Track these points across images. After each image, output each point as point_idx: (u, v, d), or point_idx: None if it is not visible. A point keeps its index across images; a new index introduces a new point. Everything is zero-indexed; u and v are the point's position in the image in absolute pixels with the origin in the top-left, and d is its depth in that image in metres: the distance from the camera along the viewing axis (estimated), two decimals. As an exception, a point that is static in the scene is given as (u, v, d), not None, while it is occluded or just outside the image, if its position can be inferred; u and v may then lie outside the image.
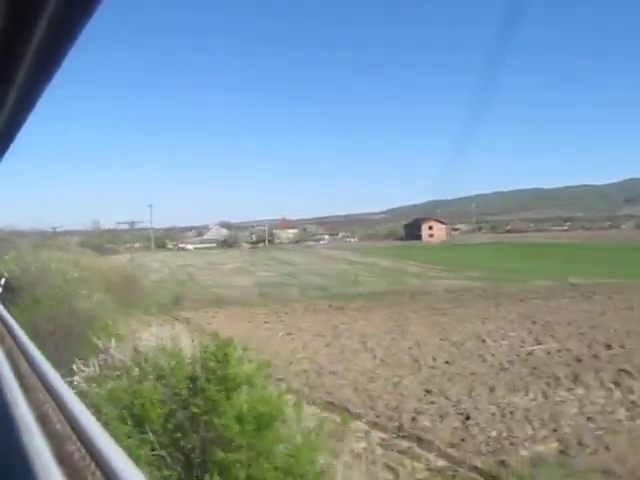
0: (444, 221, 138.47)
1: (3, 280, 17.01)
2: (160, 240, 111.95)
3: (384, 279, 46.32)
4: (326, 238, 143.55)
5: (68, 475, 1.28)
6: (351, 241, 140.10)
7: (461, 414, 14.69)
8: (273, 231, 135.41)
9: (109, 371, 8.12)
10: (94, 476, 1.17)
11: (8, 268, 17.96)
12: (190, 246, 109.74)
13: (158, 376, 7.06)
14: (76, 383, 8.13)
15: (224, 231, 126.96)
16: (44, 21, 0.96)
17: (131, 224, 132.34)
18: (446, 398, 15.87)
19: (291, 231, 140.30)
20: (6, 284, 16.57)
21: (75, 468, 1.26)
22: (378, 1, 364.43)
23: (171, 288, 40.20)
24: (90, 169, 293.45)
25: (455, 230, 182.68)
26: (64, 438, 1.41)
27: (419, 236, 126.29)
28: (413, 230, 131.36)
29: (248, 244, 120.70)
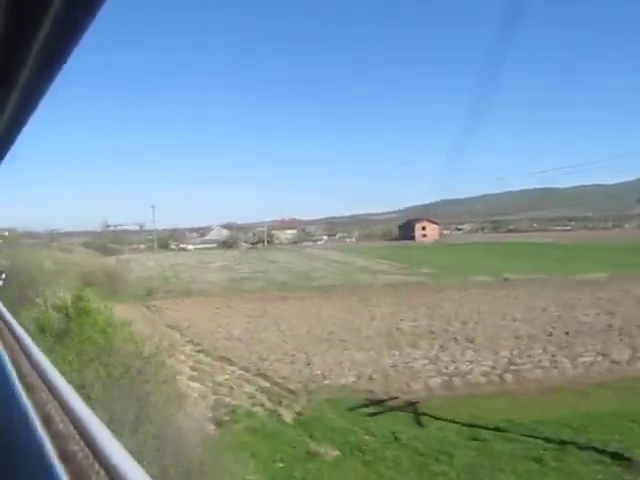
0: (436, 221, 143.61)
1: (4, 275, 23.20)
2: (164, 241, 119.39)
3: (343, 275, 52.38)
4: (324, 239, 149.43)
5: (72, 474, 1.29)
6: (347, 241, 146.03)
7: (308, 363, 20.92)
8: (272, 232, 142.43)
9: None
10: (98, 475, 1.20)
11: (1, 264, 24.59)
12: (191, 247, 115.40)
13: (59, 311, 13.58)
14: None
15: (225, 232, 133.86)
16: (47, 22, 1.01)
17: (140, 225, 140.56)
18: (305, 354, 22.11)
19: (290, 232, 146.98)
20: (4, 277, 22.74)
21: (79, 467, 1.28)
22: (378, 0, 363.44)
23: (152, 282, 46.85)
24: (96, 171, 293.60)
25: (458, 230, 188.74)
26: (67, 438, 1.43)
27: (413, 236, 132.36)
28: (407, 231, 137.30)
29: (248, 244, 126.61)
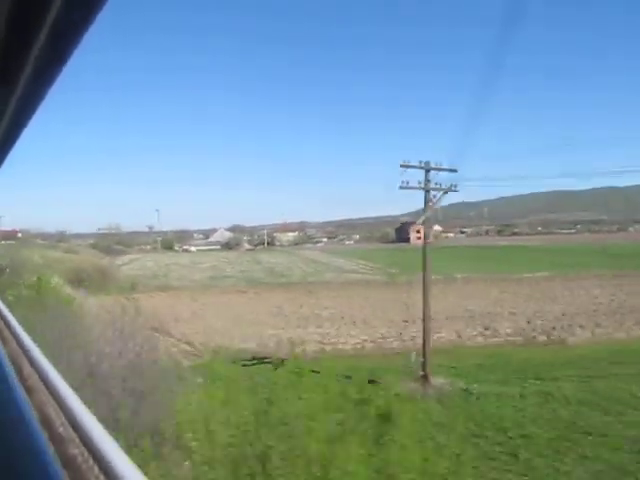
0: (436, 224, 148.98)
1: (8, 270, 30.11)
2: (169, 242, 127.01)
3: (312, 274, 58.64)
4: (324, 241, 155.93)
5: (72, 478, 1.30)
6: (347, 244, 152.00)
7: (226, 335, 27.17)
8: (274, 234, 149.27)
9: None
10: (97, 479, 1.21)
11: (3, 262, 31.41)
12: (193, 248, 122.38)
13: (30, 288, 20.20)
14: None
15: (227, 234, 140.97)
16: (46, 24, 1.16)
17: (150, 227, 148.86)
18: (228, 330, 28.38)
19: (291, 234, 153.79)
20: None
21: (79, 471, 1.29)
22: (378, 1, 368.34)
23: (139, 279, 53.60)
24: (106, 173, 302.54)
25: (462, 233, 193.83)
26: (67, 441, 1.44)
27: (408, 239, 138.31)
28: (402, 233, 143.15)
29: (249, 246, 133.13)
